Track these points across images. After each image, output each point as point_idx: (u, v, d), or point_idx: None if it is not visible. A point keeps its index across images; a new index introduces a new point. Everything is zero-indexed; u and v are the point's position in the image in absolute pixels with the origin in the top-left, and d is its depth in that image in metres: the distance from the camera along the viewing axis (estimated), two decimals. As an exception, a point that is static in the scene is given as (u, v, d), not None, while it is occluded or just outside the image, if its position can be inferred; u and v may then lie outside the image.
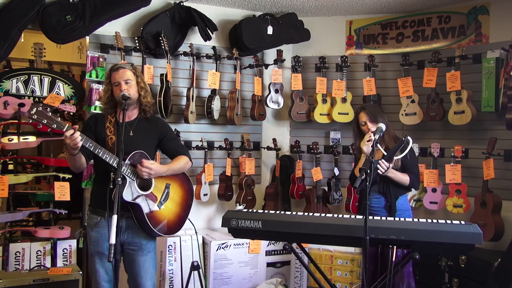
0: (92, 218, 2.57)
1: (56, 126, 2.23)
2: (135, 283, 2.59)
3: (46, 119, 2.22)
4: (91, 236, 2.56)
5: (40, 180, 4.61)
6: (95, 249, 2.55)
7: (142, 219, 2.51)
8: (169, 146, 2.73)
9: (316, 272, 2.91)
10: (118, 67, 2.56)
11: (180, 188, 2.74)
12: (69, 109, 3.50)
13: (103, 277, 2.54)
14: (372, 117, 2.92)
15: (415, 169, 2.96)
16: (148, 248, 2.61)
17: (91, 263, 2.60)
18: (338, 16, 4.48)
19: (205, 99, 4.03)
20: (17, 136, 3.31)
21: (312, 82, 4.30)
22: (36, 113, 2.19)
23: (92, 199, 2.67)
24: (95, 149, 2.35)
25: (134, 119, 2.62)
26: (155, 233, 2.57)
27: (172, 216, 2.67)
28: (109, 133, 2.53)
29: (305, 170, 4.33)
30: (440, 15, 4.12)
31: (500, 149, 3.59)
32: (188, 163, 2.71)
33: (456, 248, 2.23)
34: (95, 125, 2.58)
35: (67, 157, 2.50)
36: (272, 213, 2.48)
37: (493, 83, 3.56)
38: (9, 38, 3.24)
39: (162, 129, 2.71)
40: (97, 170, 2.64)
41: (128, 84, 2.52)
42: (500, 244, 3.52)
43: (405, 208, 2.96)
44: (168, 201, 2.64)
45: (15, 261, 3.40)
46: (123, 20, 3.72)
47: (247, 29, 4.07)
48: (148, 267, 2.59)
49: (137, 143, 2.54)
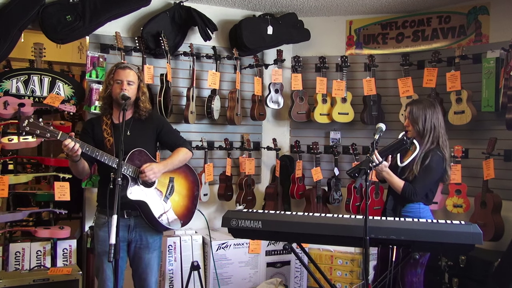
0: (100, 218, 2.62)
1: (50, 135, 2.25)
2: (140, 279, 2.66)
3: (39, 129, 2.24)
4: (99, 235, 2.60)
5: (40, 180, 4.61)
6: (102, 248, 2.58)
7: (151, 216, 2.55)
8: (168, 139, 2.73)
9: (316, 272, 2.92)
10: (125, 66, 2.57)
11: (185, 180, 2.76)
12: (69, 109, 3.50)
13: (109, 277, 2.56)
14: (412, 118, 2.76)
15: (421, 183, 2.70)
16: (154, 246, 2.66)
17: (98, 262, 2.63)
18: (338, 16, 4.48)
19: (205, 99, 4.03)
20: (17, 136, 3.31)
21: (312, 82, 4.30)
22: (28, 125, 2.21)
23: (99, 200, 2.71)
24: (93, 152, 2.38)
25: (130, 118, 2.62)
26: (165, 228, 2.62)
27: (180, 209, 2.71)
28: (107, 135, 2.55)
29: (305, 170, 4.33)
30: (440, 15, 4.12)
31: (500, 149, 3.59)
32: (187, 153, 2.71)
33: (456, 248, 2.24)
34: (92, 129, 2.60)
35: (70, 165, 2.52)
36: (272, 213, 2.48)
37: (493, 83, 3.56)
38: (9, 38, 3.24)
39: (158, 123, 2.71)
40: (101, 171, 2.67)
41: (130, 85, 2.54)
42: (500, 244, 3.52)
43: (414, 216, 2.64)
44: (174, 194, 2.68)
45: (15, 261, 3.40)
46: (123, 20, 3.72)
47: (247, 29, 4.07)
48: (153, 264, 2.66)
49: (136, 142, 2.55)
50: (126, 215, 2.54)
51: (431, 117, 2.75)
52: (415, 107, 2.78)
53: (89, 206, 3.69)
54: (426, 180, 2.72)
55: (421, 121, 2.74)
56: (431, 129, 2.75)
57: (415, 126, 2.77)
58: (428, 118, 2.75)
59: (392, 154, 2.70)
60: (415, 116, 2.76)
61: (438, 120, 2.77)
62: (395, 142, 2.67)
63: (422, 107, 2.78)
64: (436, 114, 2.77)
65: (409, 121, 2.79)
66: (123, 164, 2.40)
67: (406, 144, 2.64)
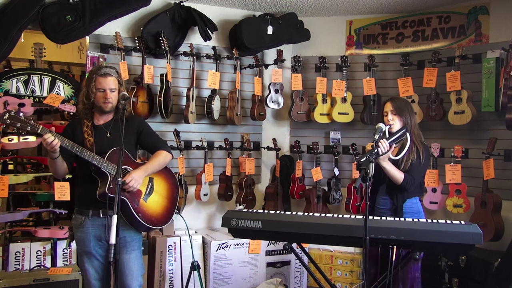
0: (77, 219, 2.58)
1: (30, 128, 2.28)
2: (120, 281, 2.57)
3: (20, 122, 2.27)
4: (77, 236, 2.59)
5: (40, 180, 4.61)
6: (82, 249, 2.59)
7: (129, 214, 2.54)
8: (148, 141, 2.74)
9: (316, 272, 2.91)
10: (106, 74, 2.56)
11: (164, 181, 2.77)
12: (69, 109, 3.49)
13: (93, 275, 2.58)
14: (396, 109, 2.77)
15: (418, 173, 2.77)
16: (133, 246, 2.61)
17: (80, 262, 2.65)
18: (338, 16, 4.48)
19: (205, 99, 4.03)
20: (17, 136, 3.31)
21: (312, 82, 4.30)
22: (9, 117, 2.25)
23: (77, 199, 2.68)
24: (73, 148, 2.40)
25: (110, 121, 2.65)
26: (144, 225, 2.59)
27: (159, 209, 2.70)
28: (87, 136, 2.57)
29: (305, 170, 4.33)
30: (440, 15, 4.12)
31: (500, 149, 3.59)
32: (167, 156, 2.71)
33: (456, 248, 2.23)
34: (73, 130, 2.61)
35: (48, 162, 2.52)
36: (272, 213, 2.48)
37: (493, 83, 3.56)
38: (9, 38, 3.24)
39: (138, 125, 2.72)
40: (79, 171, 2.65)
41: (112, 92, 2.57)
42: (500, 244, 3.52)
43: (415, 211, 2.79)
44: (153, 194, 2.67)
45: (15, 261, 3.40)
46: (123, 20, 3.72)
47: (247, 29, 4.07)
48: (132, 266, 2.58)
49: (115, 143, 2.54)
50: (102, 214, 2.53)
51: (412, 111, 2.84)
52: (397, 101, 2.83)
53: (89, 206, 3.69)
54: (422, 170, 2.83)
55: (407, 113, 2.79)
56: (414, 122, 2.83)
57: (402, 117, 2.78)
58: (412, 111, 2.83)
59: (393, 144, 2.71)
60: (400, 109, 2.79)
61: (414, 116, 2.87)
62: (399, 135, 2.67)
63: (404, 102, 2.88)
64: (413, 110, 2.89)
65: (395, 114, 2.79)
66: (103, 162, 2.45)
67: (404, 136, 2.67)
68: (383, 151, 2.56)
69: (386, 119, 2.79)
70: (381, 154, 2.57)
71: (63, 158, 2.48)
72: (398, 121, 2.77)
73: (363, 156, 2.35)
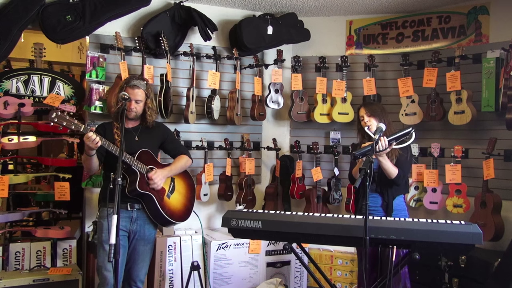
0: (104, 211, 2.80)
1: (74, 127, 2.54)
2: (130, 268, 2.83)
3: (65, 121, 2.53)
4: (103, 224, 2.76)
5: (40, 180, 4.61)
6: (106, 237, 2.69)
7: (155, 208, 2.82)
8: (171, 147, 3.06)
9: (316, 272, 2.91)
10: (134, 86, 2.80)
11: (184, 182, 3.09)
12: (69, 109, 3.49)
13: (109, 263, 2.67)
14: (370, 111, 2.95)
15: (405, 167, 2.90)
16: (149, 239, 2.88)
17: (99, 251, 2.78)
18: (338, 16, 4.48)
19: (205, 99, 4.03)
20: (17, 136, 3.32)
21: (312, 82, 4.30)
22: (56, 117, 2.50)
23: (103, 195, 2.88)
24: (109, 146, 2.65)
25: (137, 125, 2.92)
26: (168, 220, 2.88)
27: (180, 205, 3.01)
28: (117, 137, 2.82)
29: (305, 170, 4.33)
30: (440, 15, 4.12)
31: (500, 149, 3.59)
32: (188, 161, 3.05)
33: (456, 248, 2.23)
34: (104, 131, 2.85)
35: (83, 159, 2.75)
36: (272, 213, 2.48)
37: (493, 83, 3.56)
38: (9, 38, 3.24)
39: (164, 133, 3.03)
40: (107, 168, 2.85)
41: (137, 104, 2.81)
42: (500, 244, 3.52)
43: (402, 208, 2.96)
44: (175, 192, 2.99)
45: (15, 261, 3.40)
46: (123, 20, 3.72)
47: (247, 29, 4.07)
48: (145, 256, 2.87)
49: (142, 146, 2.85)
50: (129, 207, 2.77)
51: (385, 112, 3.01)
52: (369, 105, 3.05)
53: (89, 206, 3.69)
54: (409, 165, 3.01)
55: (380, 113, 2.95)
56: (389, 121, 2.96)
57: (376, 117, 2.92)
58: (385, 111, 3.00)
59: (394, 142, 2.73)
60: (373, 110, 2.96)
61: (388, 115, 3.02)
62: (403, 133, 2.69)
63: (376, 104, 3.15)
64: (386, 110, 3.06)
65: (369, 116, 2.94)
66: (134, 161, 2.73)
67: (408, 133, 2.70)
68: (381, 149, 2.67)
69: (364, 122, 2.97)
70: (378, 151, 2.66)
71: (96, 156, 2.72)
72: (374, 121, 2.93)
73: (359, 150, 2.41)
